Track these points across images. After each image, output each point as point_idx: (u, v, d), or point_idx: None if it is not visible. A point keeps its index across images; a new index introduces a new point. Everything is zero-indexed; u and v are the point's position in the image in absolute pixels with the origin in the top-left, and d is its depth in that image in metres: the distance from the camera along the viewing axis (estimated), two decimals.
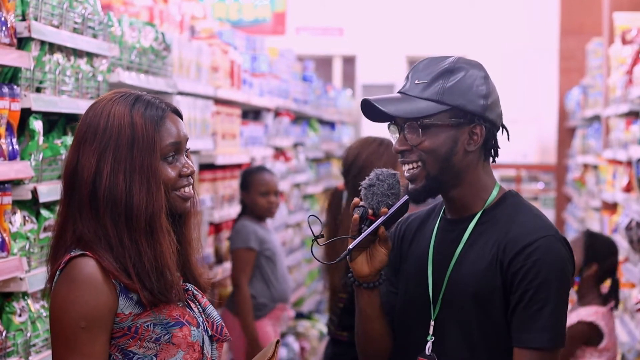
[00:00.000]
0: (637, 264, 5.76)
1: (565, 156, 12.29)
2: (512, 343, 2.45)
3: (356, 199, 2.50)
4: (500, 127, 2.55)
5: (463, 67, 2.51)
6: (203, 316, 2.34)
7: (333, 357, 4.22)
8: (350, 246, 2.47)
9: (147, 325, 2.23)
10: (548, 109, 14.90)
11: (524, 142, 16.05)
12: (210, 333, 2.34)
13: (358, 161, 4.08)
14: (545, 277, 2.43)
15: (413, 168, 2.50)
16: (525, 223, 2.49)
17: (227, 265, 6.01)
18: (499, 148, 2.57)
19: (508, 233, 2.47)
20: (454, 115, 2.49)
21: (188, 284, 2.36)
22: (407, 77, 2.55)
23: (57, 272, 2.24)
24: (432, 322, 2.52)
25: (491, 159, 2.57)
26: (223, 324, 2.37)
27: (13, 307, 3.23)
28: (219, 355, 2.37)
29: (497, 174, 14.18)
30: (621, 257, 6.77)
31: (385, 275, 2.57)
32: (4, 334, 3.09)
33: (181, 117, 2.38)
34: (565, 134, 12.33)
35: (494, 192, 2.54)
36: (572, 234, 10.89)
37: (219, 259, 5.93)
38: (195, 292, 2.36)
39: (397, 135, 2.53)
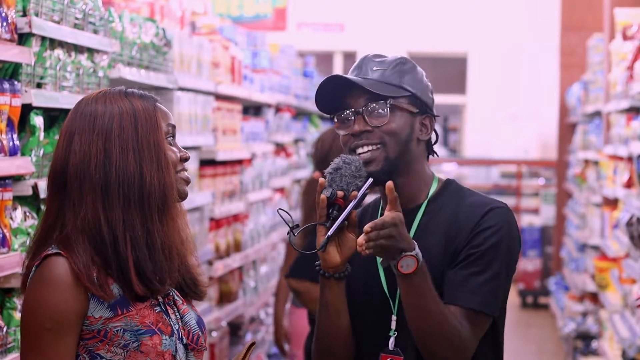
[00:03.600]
0: (638, 260, 5.76)
1: (566, 152, 12.27)
2: (443, 299, 2.41)
3: (322, 180, 2.42)
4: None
5: (411, 61, 2.57)
6: (180, 323, 2.29)
7: None
8: (330, 232, 2.39)
9: (117, 331, 2.19)
10: (549, 104, 14.89)
11: (524, 138, 16.05)
12: (185, 342, 2.29)
13: (336, 146, 4.16)
14: (494, 242, 2.44)
15: (372, 150, 2.48)
16: (474, 202, 2.51)
17: (228, 261, 6.02)
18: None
19: (458, 215, 2.49)
20: (411, 102, 2.53)
21: (170, 289, 2.31)
22: (359, 67, 2.54)
23: (34, 268, 2.20)
24: (394, 317, 2.49)
25: (428, 155, 2.60)
26: (200, 333, 2.32)
27: (14, 303, 3.22)
28: None
29: (497, 169, 14.20)
30: (622, 253, 6.78)
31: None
32: (4, 329, 3.09)
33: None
34: (566, 130, 12.31)
35: (435, 183, 2.56)
36: (572, 230, 10.88)
37: (220, 255, 5.93)
38: (176, 297, 2.32)
39: (351, 121, 2.50)
